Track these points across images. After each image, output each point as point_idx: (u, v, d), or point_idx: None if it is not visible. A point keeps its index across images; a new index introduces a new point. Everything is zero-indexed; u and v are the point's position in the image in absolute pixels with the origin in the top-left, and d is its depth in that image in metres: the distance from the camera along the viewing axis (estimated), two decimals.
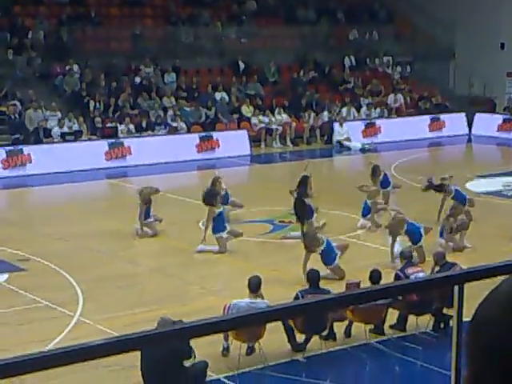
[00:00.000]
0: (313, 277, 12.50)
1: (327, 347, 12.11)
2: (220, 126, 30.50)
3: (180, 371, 10.31)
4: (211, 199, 16.99)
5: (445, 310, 12.53)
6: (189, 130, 29.62)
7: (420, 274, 12.67)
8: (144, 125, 28.89)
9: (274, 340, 11.80)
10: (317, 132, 32.04)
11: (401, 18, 39.41)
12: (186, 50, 33.23)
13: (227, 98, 31.96)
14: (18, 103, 28.15)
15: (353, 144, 31.19)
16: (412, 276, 12.55)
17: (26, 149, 25.75)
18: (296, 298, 11.42)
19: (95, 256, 16.68)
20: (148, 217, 18.04)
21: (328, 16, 37.74)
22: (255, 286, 11.95)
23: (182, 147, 27.94)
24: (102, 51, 31.18)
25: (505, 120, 34.04)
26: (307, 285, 12.57)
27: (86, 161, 25.88)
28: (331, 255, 15.08)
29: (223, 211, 17.27)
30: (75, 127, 27.75)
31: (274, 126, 31.09)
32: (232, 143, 29.00)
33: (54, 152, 26.04)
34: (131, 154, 27.24)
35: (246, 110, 31.54)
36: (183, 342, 9.82)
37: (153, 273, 15.88)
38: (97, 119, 28.44)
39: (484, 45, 36.35)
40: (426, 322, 12.81)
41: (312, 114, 32.22)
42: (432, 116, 34.26)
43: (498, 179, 24.76)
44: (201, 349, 10.67)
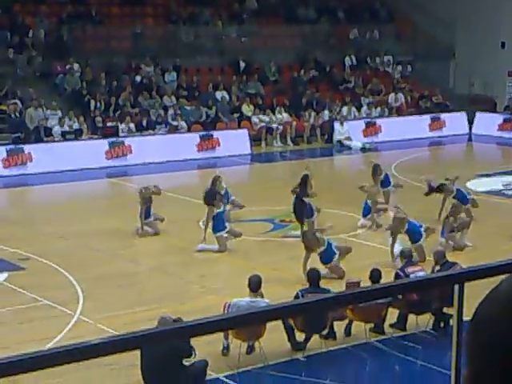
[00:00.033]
0: (313, 276, 12.50)
1: (327, 346, 12.11)
2: (220, 125, 30.46)
3: (180, 370, 10.31)
4: (211, 199, 17.02)
5: (445, 309, 12.52)
6: (189, 129, 29.59)
7: (420, 273, 12.67)
8: (144, 124, 28.87)
9: (274, 339, 11.81)
10: (317, 131, 31.99)
11: (401, 18, 39.39)
12: (187, 49, 33.21)
13: (228, 97, 31.93)
14: (19, 102, 28.13)
15: (353, 143, 31.15)
16: (412, 275, 12.53)
17: (27, 148, 25.72)
18: (296, 298, 11.42)
19: (95, 255, 16.68)
20: (148, 216, 18.04)
21: (328, 15, 37.72)
22: (255, 285, 11.94)
23: (183, 146, 27.91)
24: (103, 50, 31.18)
25: (505, 119, 34.00)
26: (307, 284, 12.58)
27: (87, 160, 25.87)
28: (330, 255, 15.07)
29: (224, 211, 17.28)
30: (76, 126, 27.74)
31: (275, 125, 31.05)
32: (232, 142, 28.97)
33: (55, 151, 26.02)
34: (132, 153, 27.22)
35: (247, 109, 31.51)
36: (183, 341, 9.83)
37: (153, 271, 15.87)
38: (97, 118, 28.40)
39: (484, 44, 36.32)
40: (426, 321, 12.81)
41: (312, 113, 32.18)
42: (432, 115, 34.21)
43: (499, 178, 24.75)
44: (201, 347, 10.66)
